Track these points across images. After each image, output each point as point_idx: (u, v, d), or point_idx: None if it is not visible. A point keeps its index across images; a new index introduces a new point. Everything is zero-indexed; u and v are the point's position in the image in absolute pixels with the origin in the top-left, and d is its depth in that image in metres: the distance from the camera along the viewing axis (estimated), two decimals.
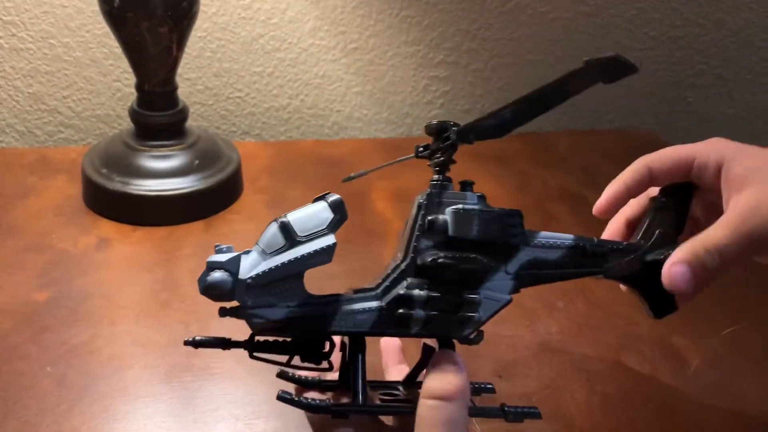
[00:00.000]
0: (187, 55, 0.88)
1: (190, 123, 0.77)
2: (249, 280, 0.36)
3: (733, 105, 1.08)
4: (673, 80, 1.04)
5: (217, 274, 0.36)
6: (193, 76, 0.90)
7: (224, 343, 0.40)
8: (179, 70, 0.88)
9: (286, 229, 0.37)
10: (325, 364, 0.40)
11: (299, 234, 0.37)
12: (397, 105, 0.99)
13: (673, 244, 0.42)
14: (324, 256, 0.37)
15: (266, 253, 0.37)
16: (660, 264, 0.41)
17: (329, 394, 0.44)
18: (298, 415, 0.51)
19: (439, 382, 0.37)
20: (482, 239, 0.38)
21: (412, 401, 0.38)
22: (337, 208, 0.38)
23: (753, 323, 0.64)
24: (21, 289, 0.61)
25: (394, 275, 0.39)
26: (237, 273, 0.36)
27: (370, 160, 0.87)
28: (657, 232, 0.43)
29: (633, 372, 0.57)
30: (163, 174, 0.72)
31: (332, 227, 0.38)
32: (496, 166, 0.89)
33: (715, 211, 0.43)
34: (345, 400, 0.42)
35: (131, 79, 0.73)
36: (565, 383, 0.55)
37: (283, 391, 0.39)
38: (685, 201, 0.45)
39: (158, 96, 0.72)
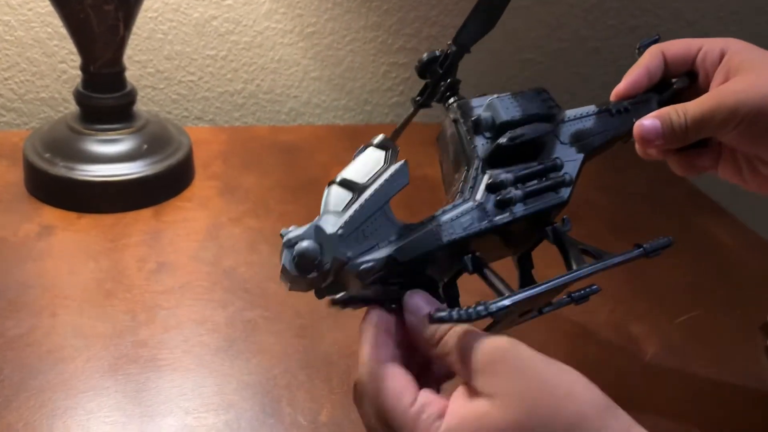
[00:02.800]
0: (137, 37, 0.85)
1: (140, 107, 0.74)
2: (340, 231, 0.35)
3: None
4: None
5: (304, 243, 0.34)
6: (144, 59, 0.87)
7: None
8: (128, 52, 0.85)
9: (346, 183, 0.36)
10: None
11: (361, 181, 0.36)
12: (356, 91, 0.97)
13: (669, 86, 0.47)
14: (402, 177, 0.36)
15: (338, 212, 0.35)
16: (678, 94, 0.46)
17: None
18: (250, 406, 0.49)
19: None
20: (528, 116, 0.40)
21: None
22: (384, 145, 0.37)
23: (707, 311, 0.65)
24: None
25: (470, 180, 0.39)
26: (321, 240, 0.34)
27: (328, 147, 0.86)
28: (669, 83, 0.48)
29: (589, 359, 0.57)
30: (110, 159, 0.69)
31: (390, 160, 0.37)
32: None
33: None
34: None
35: (78, 60, 0.70)
36: None
37: (436, 313, 0.34)
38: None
39: (105, 77, 0.69)
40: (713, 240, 0.76)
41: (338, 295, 0.36)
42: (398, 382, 0.35)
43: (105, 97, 0.69)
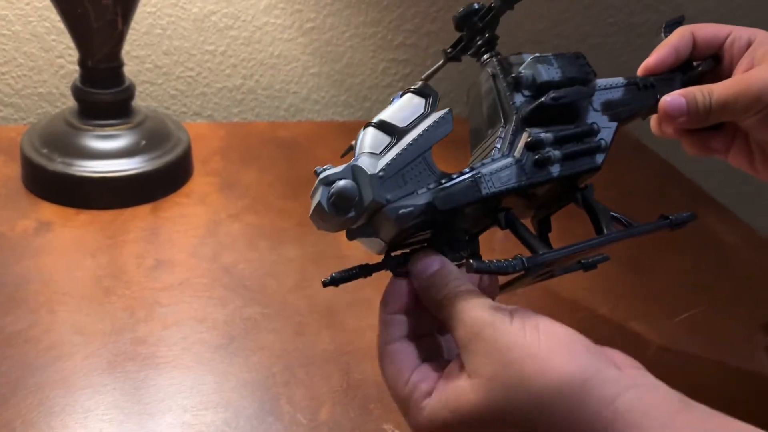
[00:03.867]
0: (135, 32, 0.85)
1: (138, 103, 0.74)
2: (380, 173, 0.34)
3: None
4: (633, 66, 1.04)
5: (342, 182, 0.34)
6: (142, 54, 0.87)
7: (366, 270, 0.37)
8: (126, 48, 0.84)
9: (384, 125, 0.36)
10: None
11: (401, 125, 0.36)
12: (355, 87, 0.96)
13: (692, 67, 0.48)
14: (446, 125, 0.36)
15: (376, 154, 0.35)
16: (702, 75, 0.47)
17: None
18: (249, 404, 0.49)
19: (441, 281, 0.35)
20: (567, 79, 0.40)
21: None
22: (425, 92, 0.37)
23: (708, 309, 0.64)
24: None
25: (509, 136, 0.38)
26: (357, 181, 0.34)
27: (328, 143, 0.85)
28: (692, 63, 0.49)
29: None
30: (108, 155, 0.69)
31: (431, 107, 0.36)
32: (446, 150, 0.88)
33: None
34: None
35: (75, 55, 0.69)
36: None
37: (475, 261, 0.35)
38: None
39: (103, 72, 0.68)
40: (714, 238, 0.76)
41: (336, 273, 0.37)
42: (396, 363, 0.36)
43: (103, 93, 0.69)
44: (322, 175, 0.35)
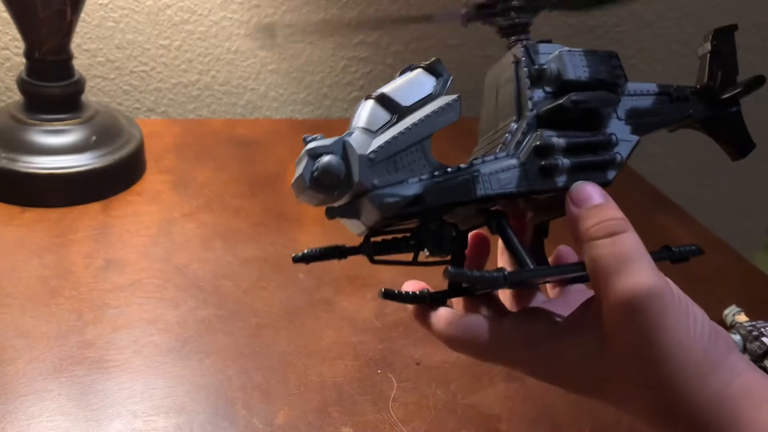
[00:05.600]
0: (87, 24, 0.82)
1: (89, 98, 0.71)
2: (371, 155, 0.32)
3: None
4: None
5: (328, 158, 0.32)
6: (93, 47, 0.84)
7: (340, 252, 0.36)
8: (77, 40, 0.82)
9: (386, 101, 0.33)
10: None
11: (404, 104, 0.33)
12: (315, 85, 0.95)
13: (735, 84, 0.43)
14: (452, 112, 0.33)
15: (371, 131, 0.33)
16: (736, 98, 0.42)
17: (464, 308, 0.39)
18: (203, 409, 0.47)
19: (601, 213, 0.33)
20: (594, 80, 0.37)
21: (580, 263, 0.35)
22: (437, 70, 0.34)
23: None
24: None
25: (519, 134, 0.35)
26: (346, 157, 0.32)
27: (286, 141, 0.84)
28: (719, 73, 0.43)
29: None
30: (56, 150, 0.66)
31: (440, 90, 0.34)
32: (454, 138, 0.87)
33: None
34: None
35: (22, 47, 0.67)
36: (484, 370, 0.53)
37: (453, 267, 0.33)
38: (732, 44, 0.44)
39: (50, 65, 0.66)
40: (673, 240, 0.76)
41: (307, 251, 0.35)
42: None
43: (51, 86, 0.66)
44: (309, 146, 0.32)
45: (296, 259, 0.35)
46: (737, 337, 0.60)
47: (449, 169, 0.34)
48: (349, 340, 0.55)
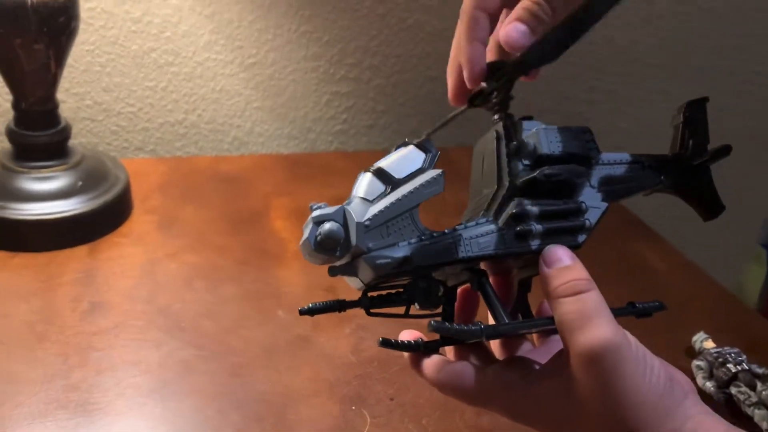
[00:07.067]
0: (74, 69, 0.85)
1: (77, 141, 0.74)
2: (367, 222, 0.37)
3: (625, 119, 1.12)
4: (568, 95, 1.08)
5: (329, 225, 0.36)
6: (81, 91, 0.86)
7: (341, 305, 0.40)
8: (66, 85, 0.84)
9: (382, 174, 0.38)
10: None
11: (397, 176, 0.38)
12: (299, 120, 0.97)
13: (705, 152, 0.46)
14: (436, 185, 0.38)
15: (368, 201, 0.37)
16: (706, 166, 0.45)
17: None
18: None
19: (568, 274, 0.37)
20: (567, 155, 0.41)
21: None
22: (426, 147, 0.39)
23: (639, 332, 0.66)
24: None
25: (498, 201, 0.40)
26: (345, 223, 0.37)
27: (271, 177, 0.86)
28: (690, 142, 0.46)
29: None
30: (44, 197, 0.68)
31: (429, 164, 0.38)
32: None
33: None
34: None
35: (10, 97, 0.69)
36: (455, 406, 0.55)
37: (435, 322, 0.38)
38: (704, 113, 0.47)
39: (37, 115, 0.68)
40: (646, 264, 0.78)
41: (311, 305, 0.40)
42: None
43: (38, 135, 0.69)
44: (314, 213, 0.37)
45: (302, 312, 0.40)
46: (704, 363, 0.62)
47: (435, 234, 0.38)
48: (325, 377, 0.57)
